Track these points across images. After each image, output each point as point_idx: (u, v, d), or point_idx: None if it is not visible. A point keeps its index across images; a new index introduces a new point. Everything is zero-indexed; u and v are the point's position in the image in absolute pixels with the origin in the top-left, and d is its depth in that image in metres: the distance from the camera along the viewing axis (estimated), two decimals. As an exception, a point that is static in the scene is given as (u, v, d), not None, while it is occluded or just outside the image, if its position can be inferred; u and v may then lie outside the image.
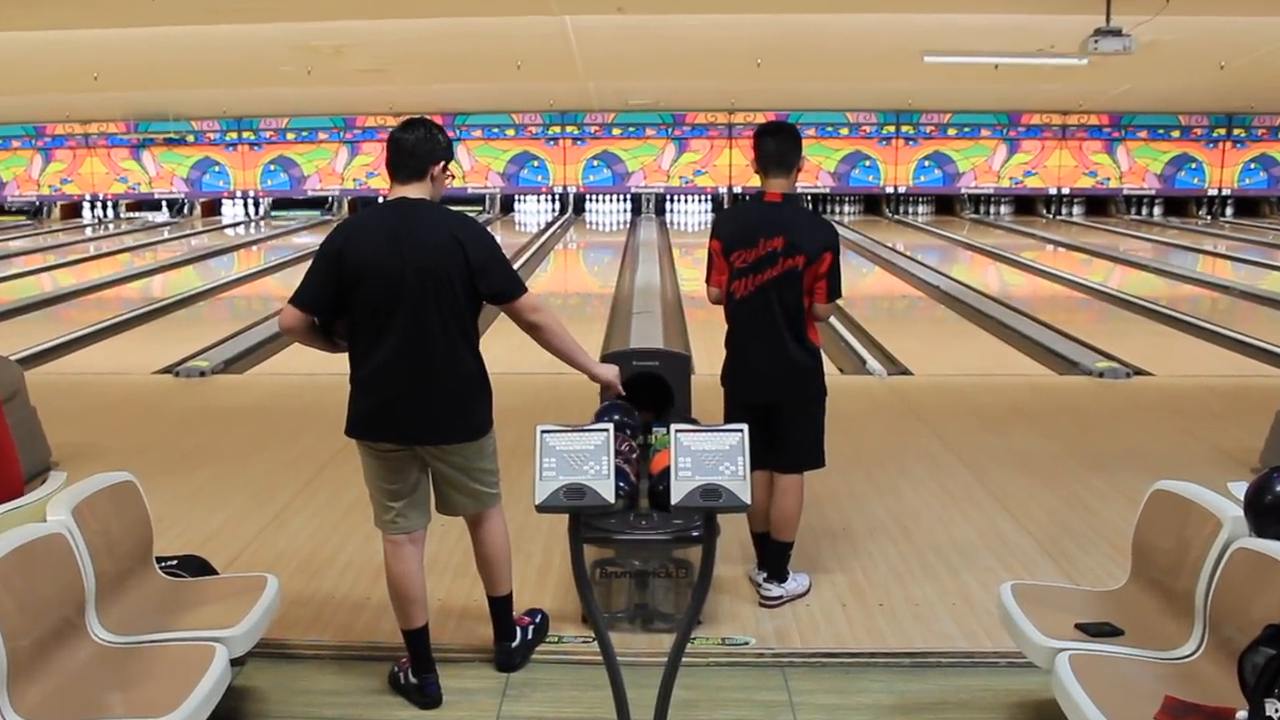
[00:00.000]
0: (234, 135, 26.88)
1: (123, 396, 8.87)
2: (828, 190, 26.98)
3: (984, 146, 26.61)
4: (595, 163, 26.85)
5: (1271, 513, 3.28)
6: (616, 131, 26.67)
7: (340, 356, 4.03)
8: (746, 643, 4.41)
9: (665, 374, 5.23)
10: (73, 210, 27.85)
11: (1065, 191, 26.94)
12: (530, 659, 4.27)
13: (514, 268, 4.06)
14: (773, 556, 4.78)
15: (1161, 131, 26.36)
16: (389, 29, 15.74)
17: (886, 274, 17.29)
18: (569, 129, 26.70)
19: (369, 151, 26.36)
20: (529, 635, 4.32)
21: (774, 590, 4.73)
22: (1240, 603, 3.21)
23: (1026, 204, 27.45)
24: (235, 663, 3.64)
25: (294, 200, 27.59)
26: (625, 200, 27.21)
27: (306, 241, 21.48)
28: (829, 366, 5.33)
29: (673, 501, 3.33)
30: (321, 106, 25.30)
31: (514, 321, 3.99)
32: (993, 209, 27.60)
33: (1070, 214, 27.19)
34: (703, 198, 27.10)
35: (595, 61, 18.94)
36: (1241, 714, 2.82)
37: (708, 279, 4.85)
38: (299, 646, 4.36)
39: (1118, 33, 12.16)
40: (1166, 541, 3.67)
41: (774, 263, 4.55)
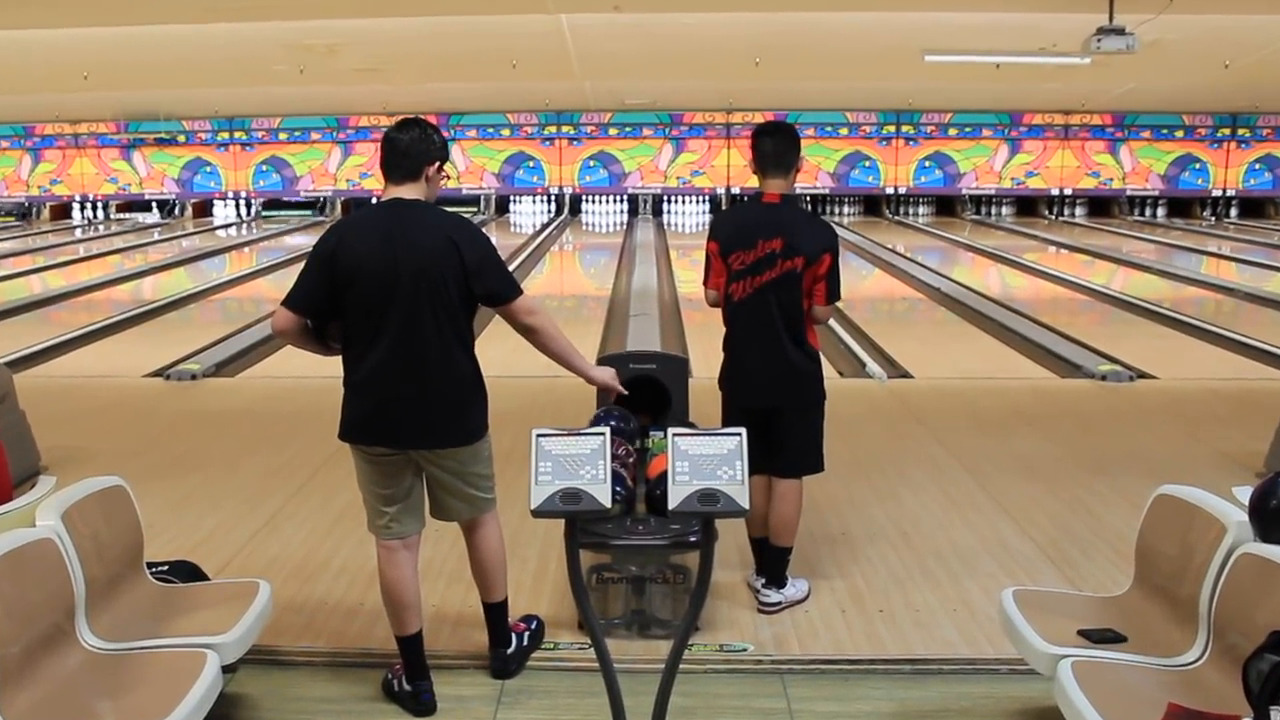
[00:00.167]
0: (226, 135, 26.88)
1: (113, 400, 8.86)
2: (827, 191, 26.99)
3: (985, 147, 26.63)
4: (591, 163, 26.86)
5: (1277, 518, 3.29)
6: (613, 131, 26.68)
7: (333, 360, 4.03)
8: (745, 649, 4.41)
9: (662, 377, 5.24)
10: (62, 211, 27.83)
11: (1067, 192, 26.96)
12: (526, 666, 4.26)
13: (509, 269, 4.06)
14: (771, 562, 4.78)
15: (1165, 131, 26.39)
16: (383, 28, 15.75)
17: (886, 276, 17.30)
18: (565, 129, 26.71)
19: (362, 152, 26.35)
20: (524, 642, 4.32)
21: (772, 596, 4.73)
22: (1245, 609, 3.21)
23: (1028, 205, 27.47)
24: (227, 669, 3.64)
25: (285, 201, 27.61)
26: (622, 201, 27.21)
27: (299, 243, 21.48)
28: (828, 369, 5.34)
29: (670, 506, 3.33)
30: (314, 106, 25.30)
31: (509, 324, 4.00)
32: (994, 210, 27.62)
33: (1072, 215, 27.21)
34: (700, 198, 27.11)
35: (591, 60, 18.95)
36: (1245, 721, 2.82)
37: (705, 281, 4.84)
38: (291, 653, 4.36)
39: (1121, 31, 12.17)
40: (1170, 547, 3.67)
41: (772, 264, 4.55)
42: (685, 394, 5.26)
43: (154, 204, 27.79)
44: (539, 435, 3.38)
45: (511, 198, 27.59)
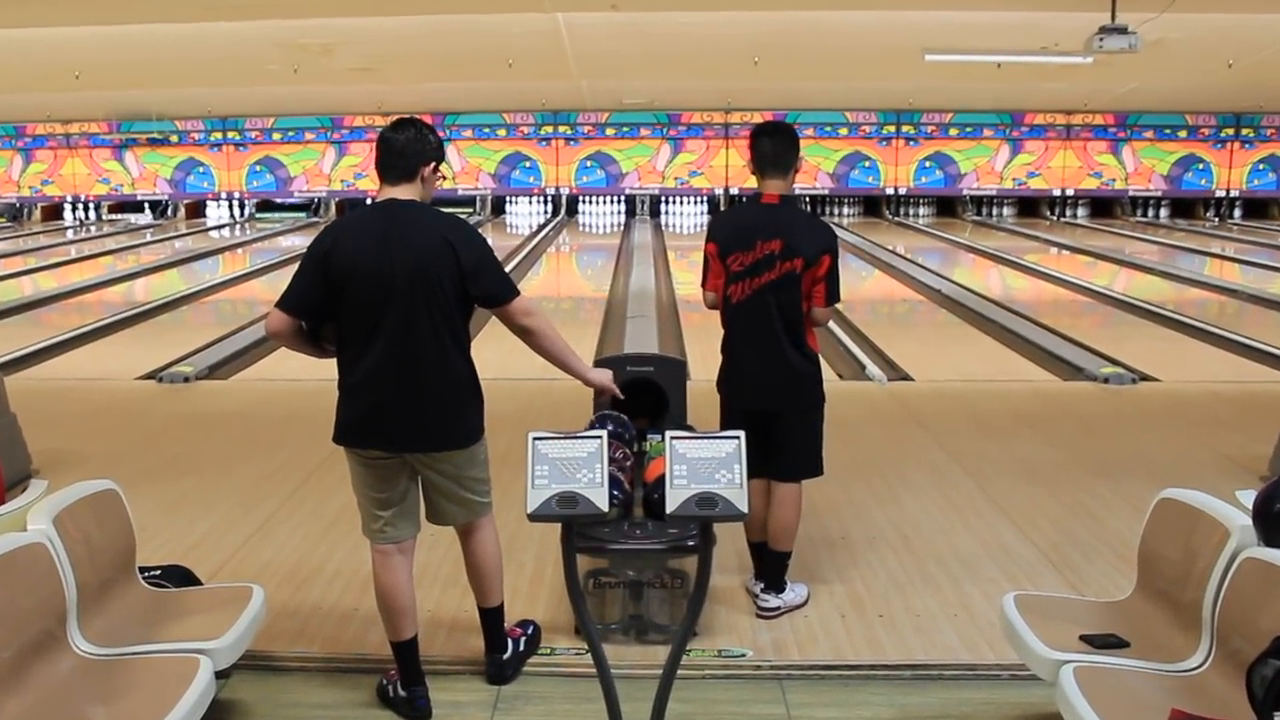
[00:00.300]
0: (219, 135, 26.86)
1: (105, 403, 8.85)
2: (826, 192, 27.00)
3: (986, 147, 26.64)
4: (588, 163, 26.86)
5: (1280, 521, 3.29)
6: (610, 131, 26.68)
7: (327, 362, 4.03)
8: (743, 655, 4.41)
9: (660, 380, 5.24)
10: (54, 212, 27.82)
11: (1069, 193, 26.98)
12: (522, 671, 4.27)
13: (506, 271, 4.06)
14: (770, 567, 4.78)
15: (1168, 132, 26.41)
16: (378, 27, 15.75)
17: (886, 277, 17.31)
18: (562, 129, 26.71)
19: (357, 152, 26.34)
20: (521, 647, 4.32)
21: (771, 601, 4.73)
22: (1249, 614, 3.21)
23: (1030, 206, 27.49)
24: (220, 675, 3.64)
25: (278, 203, 27.62)
26: (619, 202, 27.22)
27: (293, 244, 21.48)
28: (827, 372, 5.34)
29: (668, 510, 3.33)
30: (309, 106, 25.30)
31: (506, 326, 3.99)
32: (995, 211, 27.64)
33: (1074, 216, 27.24)
34: (698, 199, 27.11)
35: (588, 60, 18.95)
36: (1249, 727, 2.83)
37: (703, 283, 4.85)
38: (285, 658, 4.35)
39: (1123, 30, 12.17)
40: (1173, 551, 3.68)
41: (771, 266, 4.55)
42: (683, 397, 5.26)
43: (146, 205, 27.77)
44: (535, 438, 3.38)
45: (508, 198, 27.59)
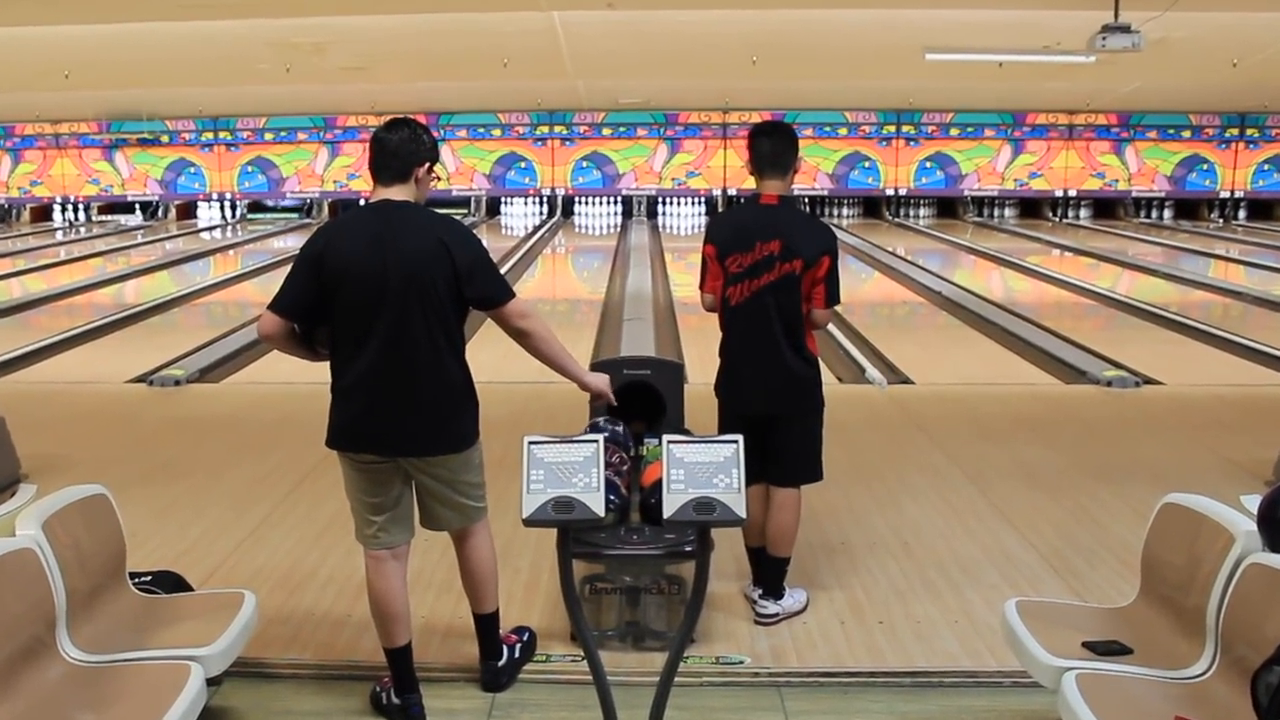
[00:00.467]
0: (210, 135, 26.84)
1: (95, 406, 8.85)
2: (825, 192, 27.00)
3: (988, 147, 26.65)
4: (584, 164, 26.85)
5: (1285, 527, 3.30)
6: (607, 131, 26.67)
7: (320, 365, 4.03)
8: (741, 662, 4.42)
9: (657, 383, 5.24)
10: (43, 213, 27.79)
11: (1072, 194, 26.99)
12: (517, 678, 4.27)
13: (501, 273, 4.06)
14: (769, 573, 4.78)
15: (1172, 132, 26.42)
16: (371, 25, 15.75)
17: (886, 279, 17.32)
18: (557, 129, 26.70)
19: (350, 152, 26.33)
20: (516, 654, 4.32)
21: (770, 607, 4.73)
22: (1253, 620, 3.21)
23: (1032, 207, 27.50)
24: (211, 682, 3.63)
25: (269, 206, 27.66)
26: (616, 203, 27.20)
27: (285, 245, 21.48)
28: (827, 375, 5.34)
29: (665, 515, 3.33)
30: (301, 106, 25.28)
31: (501, 328, 4.00)
32: (996, 212, 27.65)
33: (1077, 217, 27.25)
34: (696, 200, 27.11)
35: (584, 59, 18.95)
36: (1253, 734, 2.83)
37: (701, 285, 4.85)
38: (277, 665, 4.35)
39: (1126, 29, 12.18)
40: (1177, 557, 3.68)
41: (771, 267, 4.55)
42: (680, 400, 5.26)
43: (137, 206, 27.74)
44: (531, 442, 3.39)
45: (503, 199, 27.57)
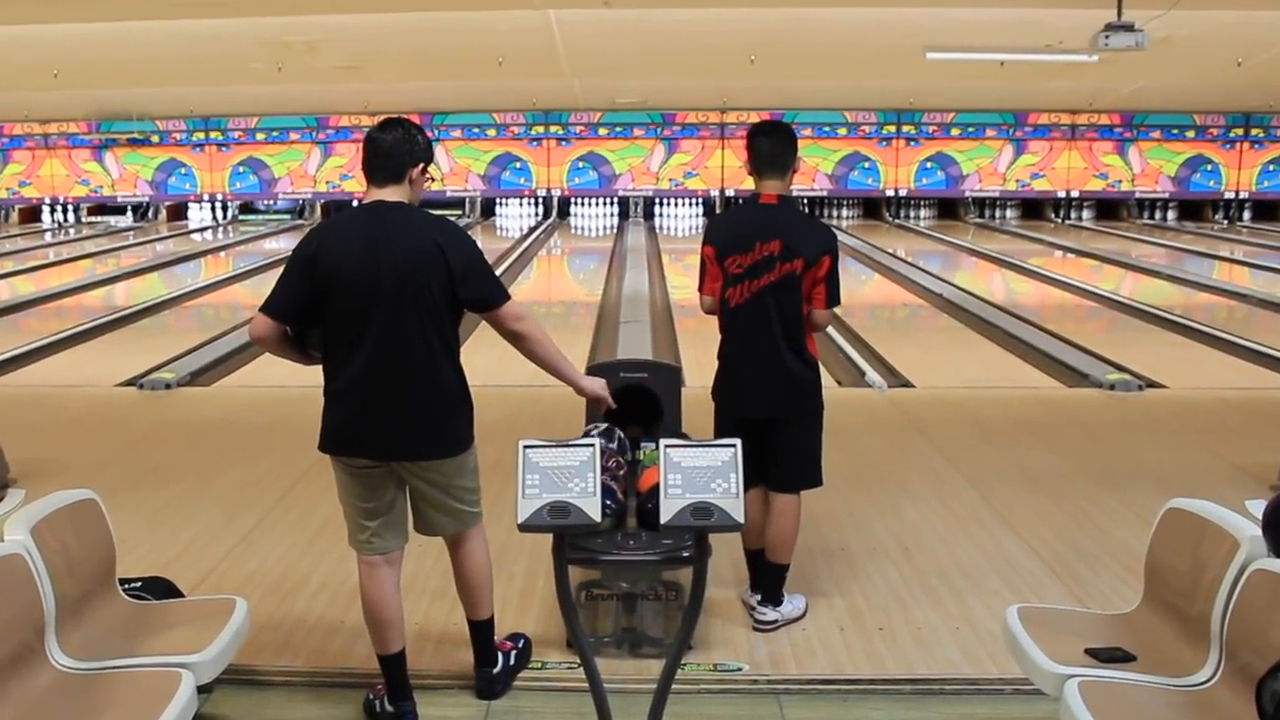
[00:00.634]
0: (201, 135, 26.82)
1: (84, 410, 8.84)
2: (825, 193, 26.99)
3: (989, 147, 26.66)
4: (581, 164, 26.84)
5: (1290, 532, 3.30)
6: (603, 131, 26.66)
7: (312, 368, 4.03)
8: (739, 669, 4.41)
9: (654, 386, 5.24)
10: (31, 214, 27.74)
11: (1074, 194, 26.99)
12: (512, 686, 4.26)
13: (496, 274, 4.06)
14: (768, 579, 4.78)
15: (1175, 132, 26.43)
16: (364, 24, 15.75)
17: (886, 281, 17.32)
18: (553, 129, 26.69)
19: (343, 153, 26.30)
20: (511, 661, 4.32)
21: (768, 614, 4.73)
22: (1259, 626, 3.22)
23: (1034, 208, 27.51)
24: (202, 689, 3.63)
25: (260, 209, 27.67)
26: (612, 204, 27.19)
27: (277, 247, 21.47)
28: (826, 379, 5.35)
29: (662, 520, 3.33)
30: (293, 105, 25.26)
31: (496, 331, 4.00)
32: (998, 213, 27.65)
33: (1080, 218, 27.26)
34: (694, 201, 27.09)
35: (581, 58, 18.96)
36: (1259, 742, 2.83)
37: (700, 286, 4.85)
38: (269, 672, 4.35)
39: (1130, 28, 12.18)
40: (1181, 562, 3.68)
41: (771, 267, 4.55)
42: (678, 404, 5.26)
43: (127, 207, 27.70)
44: (526, 446, 3.39)
45: (497, 200, 27.55)
